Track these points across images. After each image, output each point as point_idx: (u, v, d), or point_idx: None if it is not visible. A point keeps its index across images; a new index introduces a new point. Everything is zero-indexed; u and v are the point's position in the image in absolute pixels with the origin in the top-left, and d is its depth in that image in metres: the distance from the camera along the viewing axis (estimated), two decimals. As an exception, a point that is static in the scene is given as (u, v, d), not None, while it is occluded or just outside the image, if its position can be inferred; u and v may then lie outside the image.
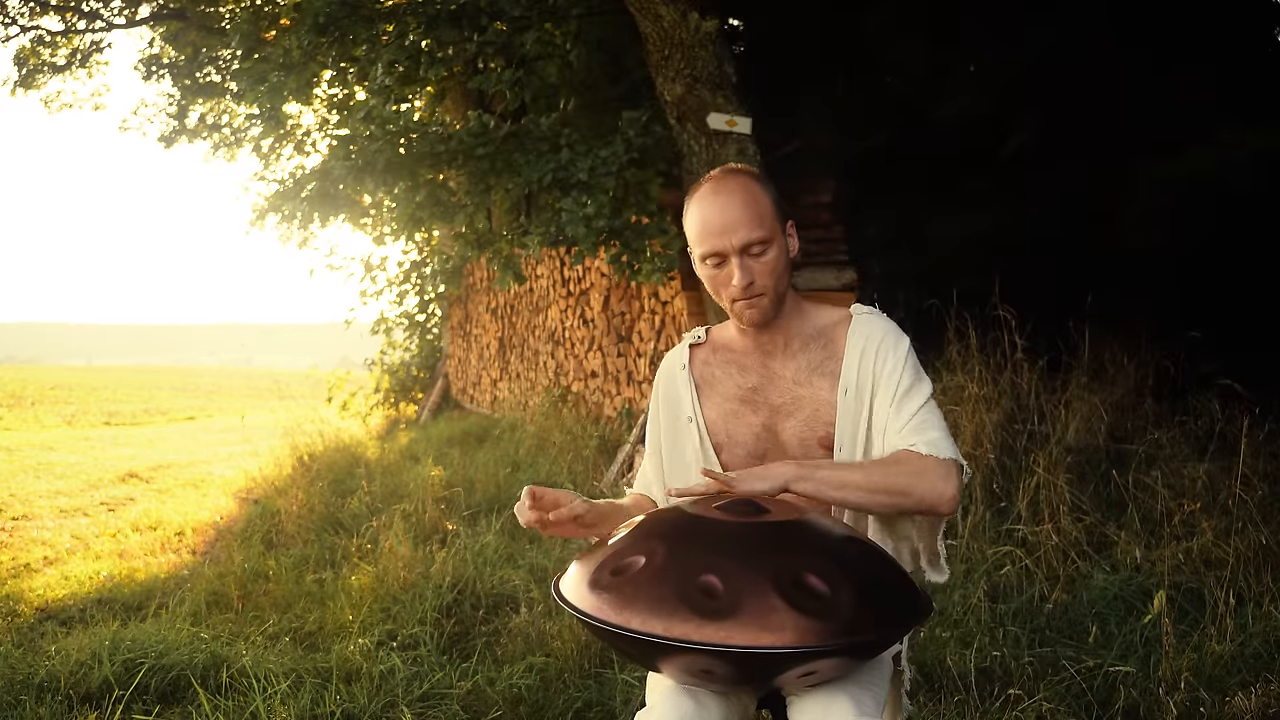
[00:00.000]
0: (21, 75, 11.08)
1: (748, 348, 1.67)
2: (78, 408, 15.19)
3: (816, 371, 1.62)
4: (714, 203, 1.56)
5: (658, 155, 4.92)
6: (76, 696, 2.74)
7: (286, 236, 10.28)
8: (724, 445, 1.67)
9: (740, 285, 1.55)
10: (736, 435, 1.66)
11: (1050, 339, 4.46)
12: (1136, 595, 3.07)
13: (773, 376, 1.65)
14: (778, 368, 1.65)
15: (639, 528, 1.39)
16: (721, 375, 1.69)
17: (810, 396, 1.61)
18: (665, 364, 1.76)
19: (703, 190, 1.60)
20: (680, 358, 1.73)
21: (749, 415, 1.65)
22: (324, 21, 4.99)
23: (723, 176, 1.60)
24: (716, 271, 1.58)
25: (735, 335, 1.70)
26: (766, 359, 1.66)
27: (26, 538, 5.15)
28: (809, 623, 1.19)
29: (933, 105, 5.35)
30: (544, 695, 2.76)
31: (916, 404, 1.55)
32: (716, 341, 1.73)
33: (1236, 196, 4.69)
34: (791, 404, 1.62)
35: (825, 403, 1.60)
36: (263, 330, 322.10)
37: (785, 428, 1.63)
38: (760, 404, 1.65)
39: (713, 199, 1.57)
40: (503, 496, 4.98)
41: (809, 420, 1.61)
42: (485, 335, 8.96)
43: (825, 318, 1.66)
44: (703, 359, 1.72)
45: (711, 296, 1.65)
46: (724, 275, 1.57)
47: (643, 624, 1.21)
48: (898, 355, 1.58)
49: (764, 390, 1.65)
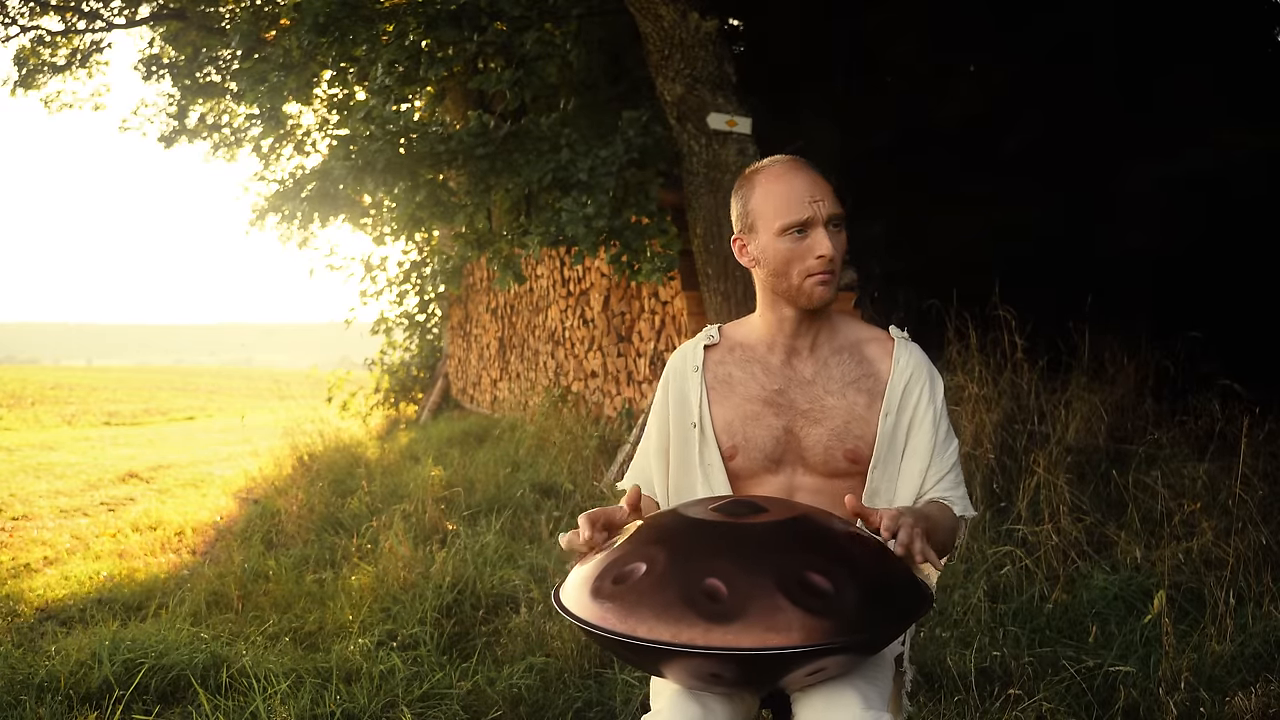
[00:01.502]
0: (21, 75, 11.07)
1: (772, 344, 1.65)
2: (78, 408, 15.19)
3: (852, 386, 1.62)
4: (797, 176, 1.56)
5: (658, 155, 4.91)
6: (76, 696, 2.74)
7: (286, 236, 10.28)
8: (740, 448, 1.64)
9: (829, 254, 1.53)
10: (755, 438, 1.63)
11: (1050, 339, 4.46)
12: (1136, 595, 3.07)
13: (799, 380, 1.63)
14: (804, 372, 1.63)
15: (637, 534, 1.38)
16: (742, 375, 1.66)
17: (843, 408, 1.60)
18: (676, 363, 1.73)
19: (773, 169, 1.59)
20: (694, 359, 1.70)
21: (770, 418, 1.63)
22: (324, 21, 4.99)
23: (790, 159, 1.60)
24: (797, 243, 1.55)
25: (755, 331, 1.68)
26: (791, 358, 1.64)
27: (26, 538, 5.15)
28: (815, 621, 1.19)
29: (933, 105, 5.35)
30: (544, 695, 2.76)
31: (954, 453, 1.64)
32: (733, 340, 1.71)
33: (1236, 196, 4.69)
34: (820, 411, 1.61)
35: (859, 418, 1.60)
36: (263, 330, 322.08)
37: (810, 434, 1.61)
38: (784, 407, 1.62)
39: (793, 173, 1.56)
40: (503, 496, 4.98)
41: (838, 431, 1.60)
42: (485, 335, 8.96)
43: (858, 332, 1.68)
44: (718, 359, 1.69)
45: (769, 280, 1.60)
46: (804, 247, 1.55)
47: (649, 631, 1.21)
48: (937, 397, 1.64)
49: (789, 393, 1.63)
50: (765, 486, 1.64)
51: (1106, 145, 5.04)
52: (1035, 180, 5.16)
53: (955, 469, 1.64)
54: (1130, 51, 5.08)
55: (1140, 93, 5.06)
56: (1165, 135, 4.80)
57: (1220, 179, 4.59)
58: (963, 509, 1.63)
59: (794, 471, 1.63)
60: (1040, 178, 5.16)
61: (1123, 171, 4.92)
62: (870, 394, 1.61)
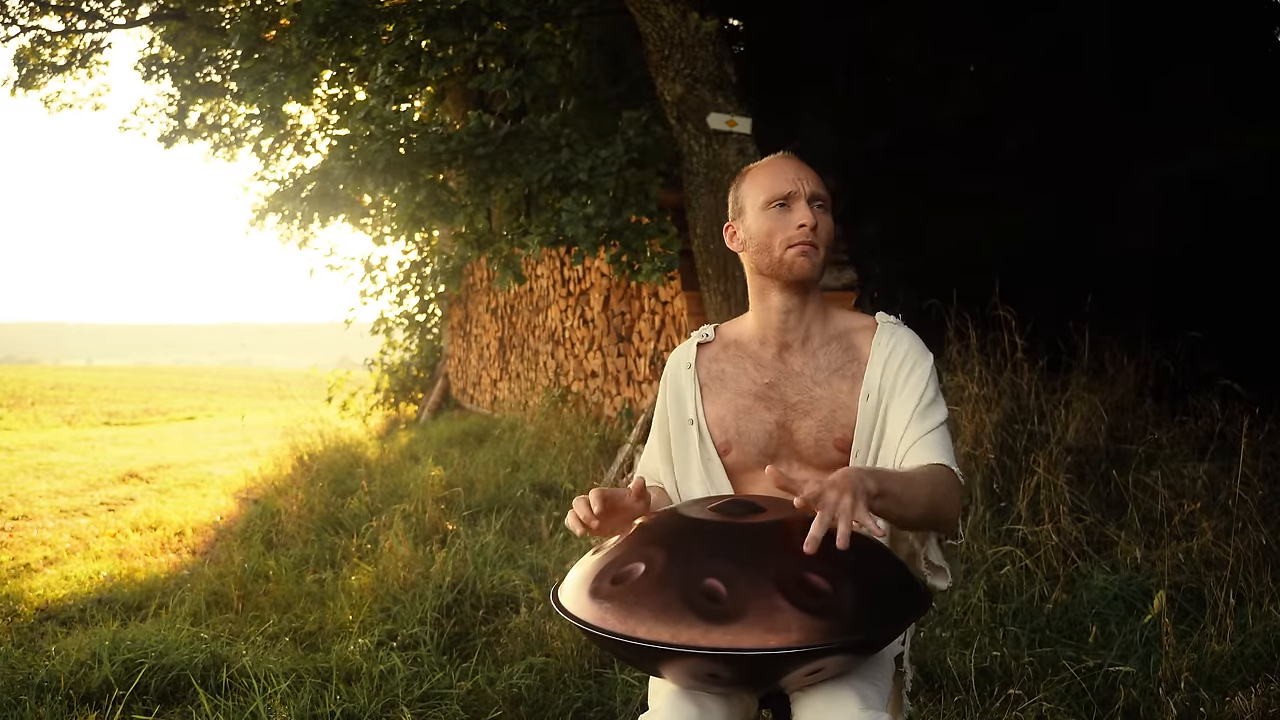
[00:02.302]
0: (21, 75, 11.07)
1: (764, 338, 1.66)
2: (78, 408, 15.19)
3: (837, 373, 1.62)
4: (785, 161, 1.64)
5: (658, 155, 4.91)
6: (76, 696, 2.74)
7: (286, 236, 10.29)
8: (733, 443, 1.65)
9: (808, 224, 1.57)
10: (748, 432, 1.64)
11: (1050, 339, 4.46)
12: (1136, 595, 3.07)
13: (790, 373, 1.64)
14: (795, 364, 1.64)
15: (635, 535, 1.38)
16: (734, 371, 1.67)
17: (829, 397, 1.61)
18: (672, 361, 1.75)
19: (764, 161, 1.66)
20: (686, 356, 1.72)
21: (762, 412, 1.64)
22: (324, 21, 4.99)
23: (782, 153, 1.67)
24: (778, 216, 1.60)
25: (749, 327, 1.69)
26: (784, 353, 1.65)
27: (26, 538, 5.15)
28: (814, 621, 1.20)
29: (932, 105, 5.35)
30: (544, 695, 2.76)
31: (938, 419, 1.57)
32: (727, 338, 1.72)
33: (1236, 196, 4.69)
34: (808, 403, 1.62)
35: (843, 405, 1.60)
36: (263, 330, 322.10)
37: (800, 426, 1.62)
38: (775, 401, 1.63)
39: (780, 161, 1.64)
40: (503, 496, 4.98)
41: (826, 421, 1.60)
42: (485, 335, 8.96)
43: (848, 322, 1.67)
44: (711, 356, 1.71)
45: (754, 259, 1.63)
46: (786, 219, 1.59)
47: (649, 631, 1.21)
48: (923, 369, 1.59)
49: (780, 387, 1.64)
50: (761, 482, 1.64)
51: (1106, 145, 5.04)
52: (1035, 180, 5.16)
53: (941, 429, 1.55)
54: (1129, 51, 5.08)
55: (1139, 93, 5.06)
56: (1165, 135, 4.80)
57: (1220, 179, 4.59)
58: (955, 468, 1.52)
59: (789, 465, 1.63)
60: (1040, 178, 5.16)
61: (1123, 172, 4.91)
62: (853, 379, 1.61)
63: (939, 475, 1.48)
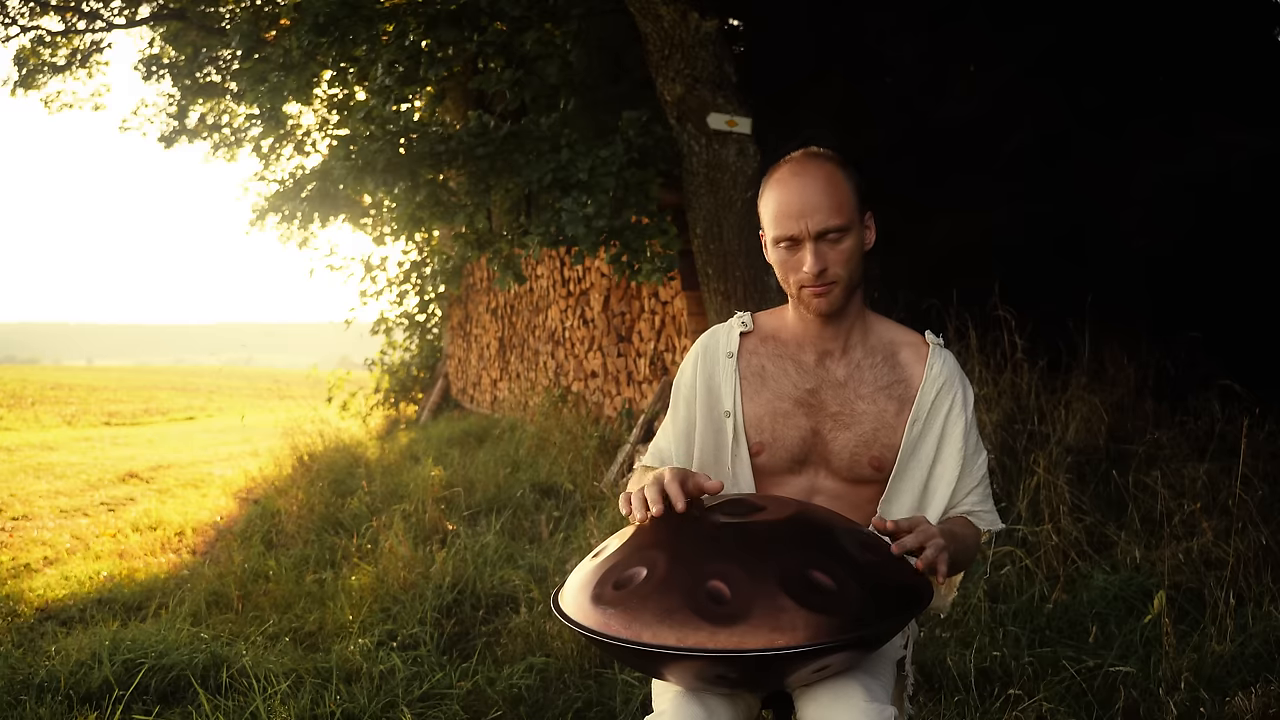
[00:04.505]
0: (21, 75, 11.07)
1: (803, 342, 1.62)
2: (78, 408, 15.18)
3: (883, 391, 1.59)
4: (792, 185, 1.51)
5: (658, 155, 4.91)
6: (76, 696, 2.74)
7: (286, 236, 10.30)
8: (766, 445, 1.60)
9: (812, 272, 1.50)
10: (783, 437, 1.59)
11: (1050, 339, 4.46)
12: (1136, 595, 3.07)
13: (831, 382, 1.60)
14: (838, 373, 1.60)
15: (634, 539, 1.37)
16: (775, 371, 1.62)
17: (873, 414, 1.58)
18: (707, 346, 1.67)
19: (781, 172, 1.55)
20: (728, 344, 1.65)
21: (800, 418, 1.59)
22: (324, 21, 4.99)
23: (804, 158, 1.54)
24: (788, 256, 1.53)
25: (788, 325, 1.64)
26: (824, 358, 1.61)
27: (26, 538, 5.15)
28: (819, 619, 1.20)
29: (932, 105, 5.35)
30: (544, 695, 2.76)
31: (983, 465, 1.63)
32: (765, 330, 1.66)
33: (1235, 196, 4.69)
34: (850, 416, 1.58)
35: (888, 425, 1.58)
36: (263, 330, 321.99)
37: (838, 438, 1.58)
38: (815, 408, 1.59)
39: (792, 181, 1.52)
40: (502, 496, 4.98)
41: (866, 438, 1.58)
42: (485, 335, 8.96)
43: (892, 334, 1.64)
44: (751, 349, 1.64)
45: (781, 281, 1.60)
46: (795, 260, 1.52)
47: (654, 636, 1.20)
48: (968, 407, 1.62)
49: (820, 394, 1.59)
50: (787, 487, 1.61)
51: (1106, 145, 5.04)
52: (1035, 180, 5.16)
53: (984, 482, 1.63)
54: (1129, 51, 5.08)
55: (1138, 93, 5.06)
56: (1165, 135, 4.80)
57: (1220, 179, 4.59)
58: (990, 523, 1.63)
59: (817, 474, 1.61)
60: (1040, 178, 5.16)
61: (1123, 172, 4.91)
62: (900, 401, 1.59)
63: (973, 539, 1.60)
